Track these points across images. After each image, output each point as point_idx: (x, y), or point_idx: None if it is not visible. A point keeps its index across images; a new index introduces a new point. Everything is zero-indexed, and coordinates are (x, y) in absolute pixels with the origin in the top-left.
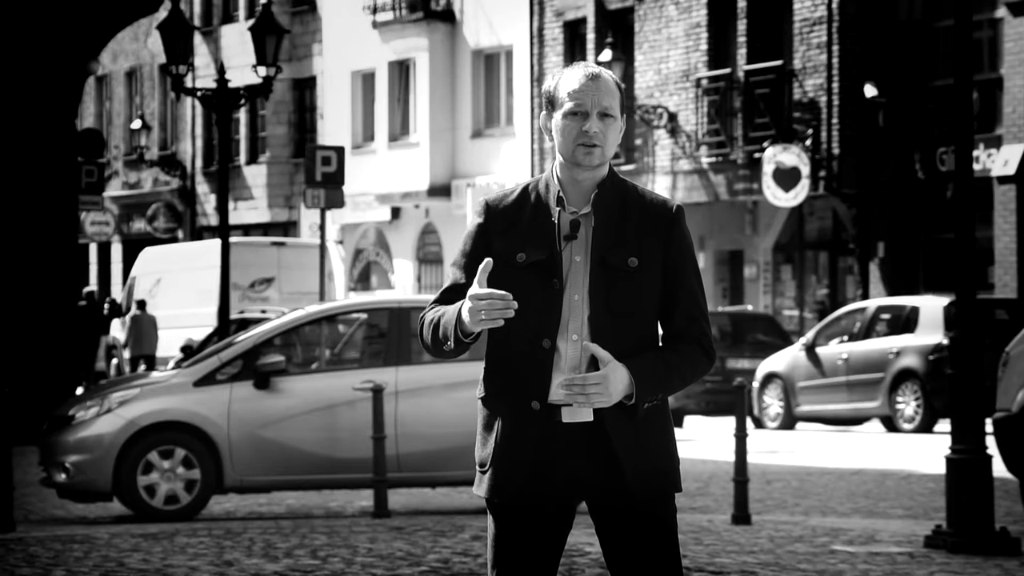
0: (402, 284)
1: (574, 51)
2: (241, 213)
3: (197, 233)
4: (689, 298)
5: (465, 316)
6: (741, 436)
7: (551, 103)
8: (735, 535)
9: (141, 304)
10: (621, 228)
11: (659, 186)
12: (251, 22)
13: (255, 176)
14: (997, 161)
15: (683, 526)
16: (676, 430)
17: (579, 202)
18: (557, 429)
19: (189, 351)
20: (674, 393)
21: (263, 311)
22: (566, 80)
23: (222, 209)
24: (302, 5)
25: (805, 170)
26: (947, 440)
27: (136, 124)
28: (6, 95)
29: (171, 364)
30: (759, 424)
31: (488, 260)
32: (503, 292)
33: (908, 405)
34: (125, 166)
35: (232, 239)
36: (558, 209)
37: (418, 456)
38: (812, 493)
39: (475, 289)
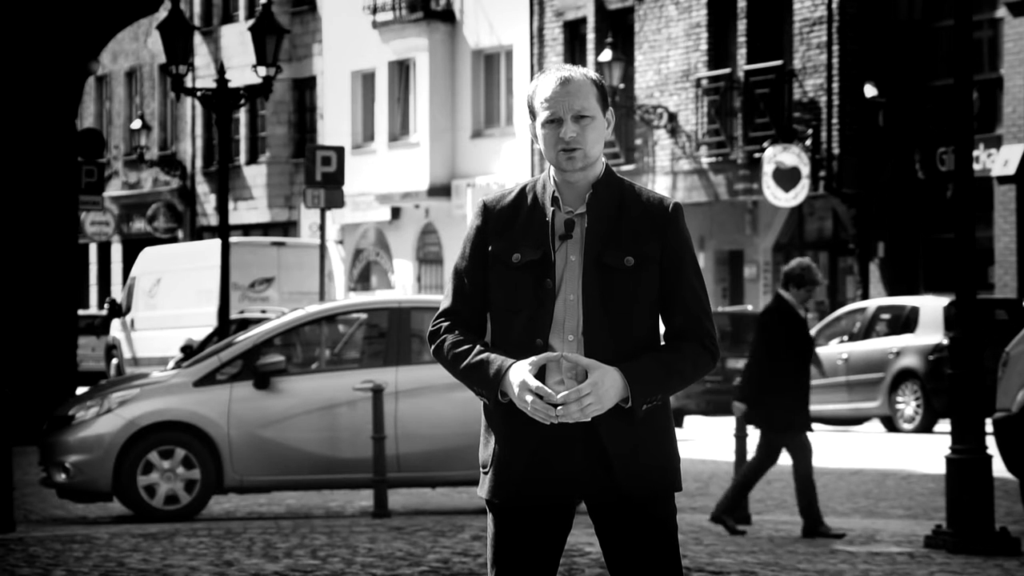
0: (402, 284)
1: (574, 51)
2: (241, 213)
3: (197, 233)
4: (690, 296)
5: (511, 392)
6: (741, 436)
7: (532, 112)
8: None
9: None
10: (617, 227)
11: (659, 186)
12: (251, 22)
13: (255, 176)
14: (997, 161)
15: (683, 526)
16: (676, 430)
17: (575, 202)
18: (555, 429)
19: (189, 351)
20: (675, 393)
21: (263, 311)
22: (540, 89)
23: (222, 209)
24: (302, 5)
25: (805, 170)
26: (947, 440)
27: (136, 124)
28: (6, 95)
29: (171, 364)
30: None
31: (553, 355)
32: (550, 393)
33: (908, 405)
34: (125, 166)
35: (232, 239)
36: (553, 209)
37: (418, 456)
38: None
39: (528, 378)
